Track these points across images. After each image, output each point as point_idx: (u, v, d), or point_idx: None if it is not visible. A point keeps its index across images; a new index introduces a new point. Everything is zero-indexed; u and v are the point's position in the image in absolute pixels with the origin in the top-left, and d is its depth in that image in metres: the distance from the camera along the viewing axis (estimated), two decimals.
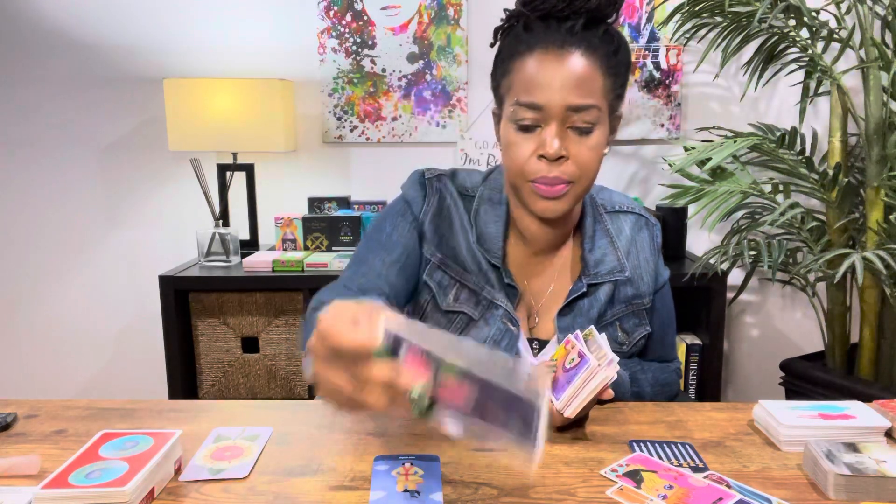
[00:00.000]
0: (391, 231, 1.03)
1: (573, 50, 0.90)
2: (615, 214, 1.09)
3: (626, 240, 1.07)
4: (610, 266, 1.05)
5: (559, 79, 0.89)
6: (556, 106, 0.90)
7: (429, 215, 1.03)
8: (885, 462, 0.74)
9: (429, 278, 1.03)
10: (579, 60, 0.90)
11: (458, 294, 1.02)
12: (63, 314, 2.36)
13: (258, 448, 0.82)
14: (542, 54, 0.90)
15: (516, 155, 0.94)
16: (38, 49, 2.22)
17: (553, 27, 0.91)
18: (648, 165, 2.24)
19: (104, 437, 0.77)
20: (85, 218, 2.31)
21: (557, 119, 0.90)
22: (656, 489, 0.72)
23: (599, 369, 0.82)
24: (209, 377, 2.00)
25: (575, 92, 0.89)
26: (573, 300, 1.03)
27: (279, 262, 1.94)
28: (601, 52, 0.91)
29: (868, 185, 1.75)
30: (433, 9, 2.16)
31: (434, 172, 1.07)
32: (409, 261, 1.02)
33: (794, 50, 1.91)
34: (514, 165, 0.94)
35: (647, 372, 1.10)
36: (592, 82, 0.90)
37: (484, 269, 1.02)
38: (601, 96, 0.91)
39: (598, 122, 0.92)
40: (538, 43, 0.91)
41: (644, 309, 1.08)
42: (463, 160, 2.20)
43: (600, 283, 1.04)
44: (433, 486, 0.73)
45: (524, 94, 0.91)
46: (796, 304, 2.28)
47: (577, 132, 0.91)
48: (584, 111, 0.90)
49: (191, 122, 1.99)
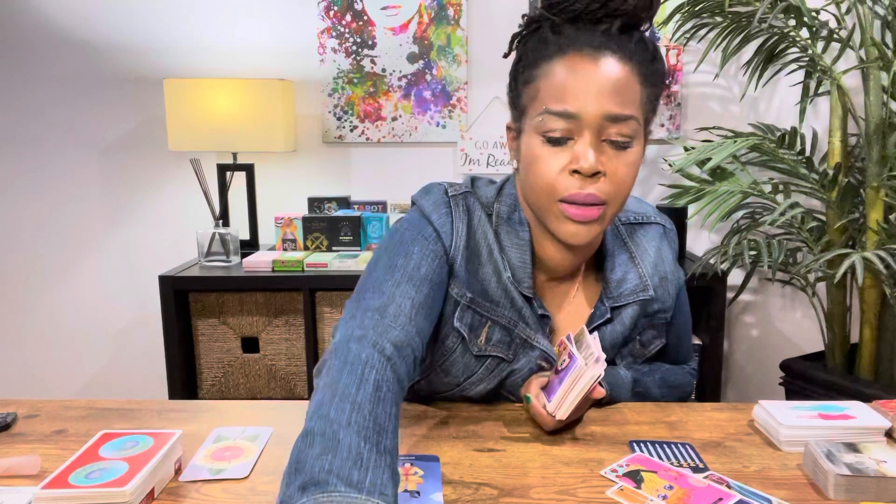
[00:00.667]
0: (420, 260, 0.87)
1: (610, 53, 0.80)
2: (631, 227, 1.00)
3: (649, 257, 0.99)
4: (632, 285, 0.96)
5: (596, 84, 0.79)
6: (593, 115, 0.79)
7: (460, 249, 0.89)
8: (885, 462, 0.74)
9: (459, 322, 0.90)
10: (617, 66, 0.79)
11: (490, 335, 0.92)
12: (63, 314, 2.36)
13: (258, 448, 0.82)
14: (576, 57, 0.80)
15: (544, 171, 0.82)
16: (38, 49, 2.22)
17: (585, 30, 0.81)
18: (648, 165, 2.24)
19: (104, 437, 0.77)
20: (85, 218, 2.31)
21: (593, 130, 0.80)
22: (656, 489, 0.72)
23: (587, 368, 0.81)
24: (209, 377, 2.00)
25: (613, 100, 0.79)
26: (597, 325, 0.95)
27: (279, 262, 1.94)
28: (638, 60, 0.81)
29: (868, 185, 1.75)
30: (433, 9, 2.16)
31: (459, 190, 0.93)
32: (436, 302, 0.87)
33: (794, 50, 1.91)
34: (540, 182, 0.82)
35: (654, 373, 1.04)
36: (631, 91, 0.80)
37: (518, 305, 0.91)
38: (639, 107, 0.82)
39: (636, 137, 0.82)
40: (571, 45, 0.80)
41: (664, 322, 1.01)
42: (463, 160, 2.20)
43: (623, 304, 0.96)
44: (433, 486, 0.73)
45: (555, 102, 0.80)
46: (796, 304, 2.28)
47: (614, 146, 0.81)
48: (622, 122, 0.80)
49: (191, 122, 1.99)
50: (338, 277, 1.89)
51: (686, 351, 1.11)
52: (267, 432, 0.87)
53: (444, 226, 0.89)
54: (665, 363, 1.09)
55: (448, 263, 0.89)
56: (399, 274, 0.85)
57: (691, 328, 1.13)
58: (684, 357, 1.11)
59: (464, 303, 0.90)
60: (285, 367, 1.98)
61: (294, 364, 1.98)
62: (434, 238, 0.89)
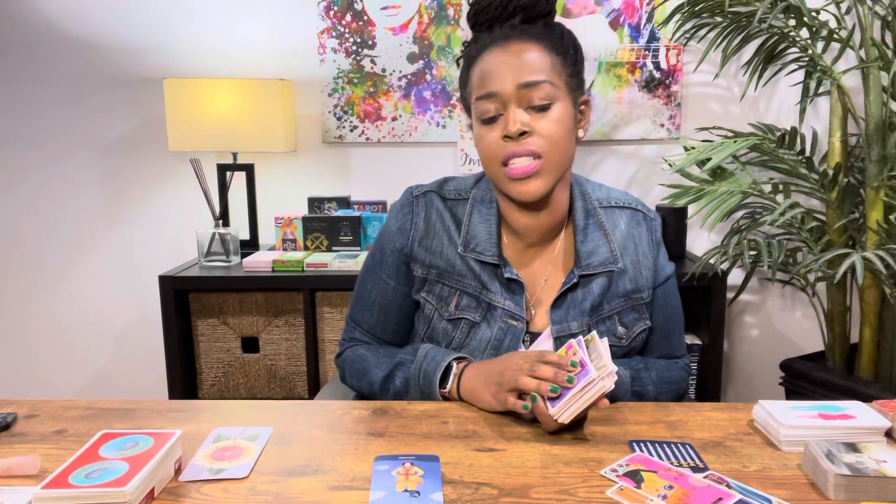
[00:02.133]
0: (371, 289, 1.13)
1: (516, 39, 0.97)
2: (610, 209, 1.10)
3: (621, 234, 1.08)
4: (602, 257, 1.05)
5: (506, 64, 0.96)
6: (509, 88, 0.95)
7: (417, 239, 1.08)
8: (885, 462, 0.74)
9: (428, 294, 1.08)
10: (523, 45, 0.97)
11: (460, 301, 1.05)
12: (63, 314, 2.36)
13: (258, 448, 0.82)
14: (490, 51, 0.98)
15: (486, 144, 0.99)
16: (38, 49, 2.22)
17: (496, 31, 0.99)
18: (648, 165, 2.24)
19: (104, 437, 0.77)
20: (85, 218, 2.31)
21: (513, 101, 0.95)
22: (656, 489, 0.72)
23: (598, 380, 0.82)
24: (209, 377, 2.00)
25: (523, 71, 0.95)
26: (565, 292, 1.04)
27: (279, 262, 1.94)
28: (546, 38, 0.98)
29: (868, 185, 1.75)
30: (433, 9, 2.16)
31: (421, 189, 1.11)
32: (407, 299, 1.12)
33: (794, 50, 1.91)
34: (485, 155, 1.00)
35: (650, 370, 1.09)
36: (540, 60, 0.96)
37: (477, 273, 1.05)
38: (552, 73, 0.96)
39: (555, 99, 0.96)
40: (486, 45, 0.99)
41: (644, 303, 1.08)
42: (463, 160, 2.20)
43: (592, 274, 1.05)
44: (433, 486, 0.73)
45: (480, 89, 0.98)
46: (796, 304, 2.28)
47: (536, 110, 0.96)
48: (535, 86, 0.95)
49: (191, 122, 1.99)
50: (338, 277, 1.89)
51: (677, 344, 1.15)
52: (267, 432, 0.87)
53: (403, 224, 1.09)
54: (659, 359, 1.13)
55: (406, 253, 1.09)
56: (378, 283, 1.12)
57: (683, 323, 1.17)
58: (675, 349, 1.15)
59: (431, 278, 1.07)
60: (285, 367, 1.98)
61: (294, 364, 1.98)
62: (398, 236, 1.09)
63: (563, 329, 1.03)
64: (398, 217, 1.10)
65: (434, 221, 1.08)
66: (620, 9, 2.15)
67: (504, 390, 0.90)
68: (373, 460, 0.79)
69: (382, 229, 1.13)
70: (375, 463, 0.78)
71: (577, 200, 1.08)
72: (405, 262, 1.09)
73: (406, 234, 1.08)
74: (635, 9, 2.15)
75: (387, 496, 0.71)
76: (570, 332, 1.03)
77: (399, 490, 0.72)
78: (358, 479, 0.75)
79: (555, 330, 1.03)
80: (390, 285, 1.11)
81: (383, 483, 0.74)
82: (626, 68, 2.18)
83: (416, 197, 1.10)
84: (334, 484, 0.75)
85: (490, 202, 1.07)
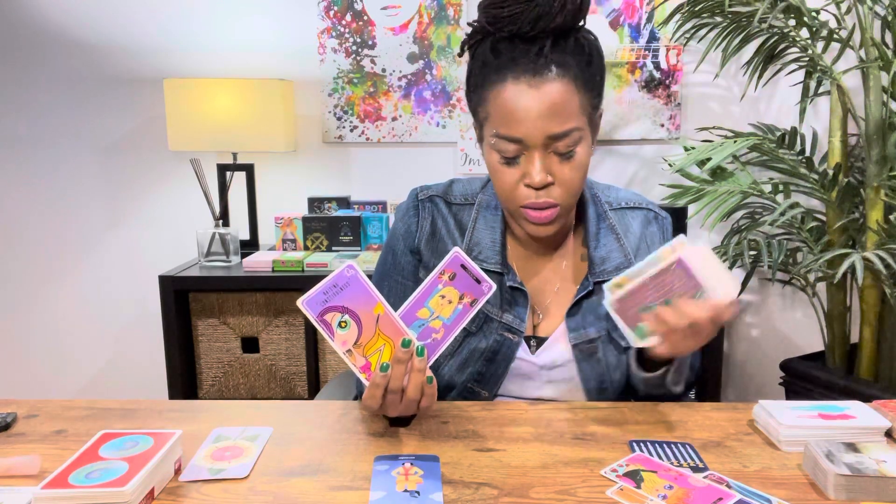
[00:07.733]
0: (401, 260, 1.09)
1: (546, 74, 0.89)
2: (621, 211, 1.08)
3: (634, 237, 1.07)
4: (616, 262, 1.04)
5: (535, 109, 0.89)
6: (537, 138, 0.90)
7: (423, 241, 1.07)
8: (885, 462, 0.74)
9: None
10: (554, 86, 0.89)
11: None
12: (63, 314, 2.36)
13: (258, 448, 0.82)
14: (515, 84, 0.89)
15: (504, 183, 0.95)
16: (38, 49, 2.22)
17: (520, 50, 0.89)
18: (648, 165, 2.24)
19: (104, 437, 0.77)
20: (85, 218, 2.31)
21: (538, 148, 0.91)
22: (656, 489, 0.72)
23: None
24: (209, 377, 2.00)
25: (554, 121, 0.89)
26: (581, 298, 1.03)
27: (279, 262, 1.94)
28: (574, 68, 0.90)
29: (868, 185, 1.75)
30: (433, 9, 2.16)
31: (427, 193, 1.10)
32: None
33: (794, 50, 1.91)
34: (502, 193, 0.97)
35: None
36: (570, 104, 0.90)
37: None
38: (580, 115, 0.91)
39: (580, 141, 0.92)
40: (509, 71, 0.90)
41: None
42: (463, 160, 2.21)
43: (607, 280, 1.03)
44: (433, 486, 0.73)
45: (503, 127, 0.91)
46: (796, 304, 2.28)
47: (560, 157, 0.92)
48: (565, 137, 0.90)
49: (191, 122, 1.99)
50: None
51: None
52: (267, 432, 0.87)
53: (410, 225, 1.08)
54: None
55: (416, 252, 1.07)
56: (394, 283, 1.09)
57: None
58: None
59: None
60: (285, 367, 1.98)
61: (294, 364, 1.98)
62: (406, 234, 1.08)
63: (580, 336, 1.03)
64: (405, 220, 1.10)
65: (439, 227, 1.08)
66: (620, 9, 2.15)
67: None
68: (373, 460, 0.79)
69: (390, 233, 1.12)
70: (375, 463, 0.79)
71: (588, 206, 1.06)
72: (417, 261, 1.08)
73: (413, 235, 1.08)
74: (635, 9, 2.15)
75: (387, 496, 0.71)
76: (587, 338, 1.03)
77: (399, 490, 0.72)
78: (358, 480, 0.75)
79: (572, 337, 1.02)
80: (408, 286, 1.07)
81: (383, 483, 0.74)
82: (626, 68, 2.18)
83: (422, 201, 1.09)
84: (334, 484, 0.75)
85: (496, 208, 1.06)
